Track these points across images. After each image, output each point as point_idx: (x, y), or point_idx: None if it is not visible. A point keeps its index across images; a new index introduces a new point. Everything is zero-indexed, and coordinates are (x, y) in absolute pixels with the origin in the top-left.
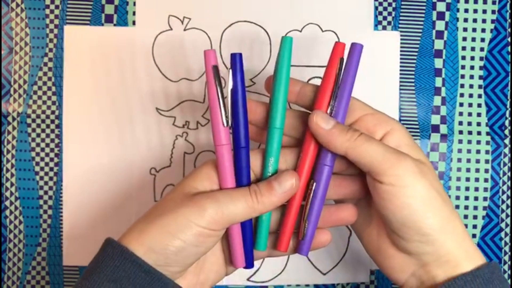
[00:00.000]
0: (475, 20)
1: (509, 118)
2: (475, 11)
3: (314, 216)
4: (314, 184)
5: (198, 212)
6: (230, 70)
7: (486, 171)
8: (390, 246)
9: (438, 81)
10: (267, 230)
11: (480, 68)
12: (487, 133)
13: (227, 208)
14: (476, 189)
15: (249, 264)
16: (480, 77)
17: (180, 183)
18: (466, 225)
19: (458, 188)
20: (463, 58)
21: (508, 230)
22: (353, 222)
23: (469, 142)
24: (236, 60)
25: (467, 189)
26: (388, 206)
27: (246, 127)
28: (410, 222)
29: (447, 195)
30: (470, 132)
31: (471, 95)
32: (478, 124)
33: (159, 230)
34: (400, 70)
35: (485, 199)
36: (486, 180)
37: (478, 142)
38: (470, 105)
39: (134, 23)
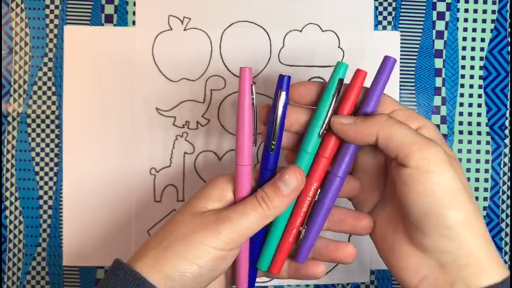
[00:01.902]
0: (475, 20)
1: (509, 118)
2: (475, 11)
3: (317, 224)
4: (319, 191)
5: (214, 235)
6: (282, 93)
7: (486, 171)
8: (406, 243)
9: (438, 81)
10: (273, 251)
11: (480, 68)
12: (487, 133)
13: (241, 225)
14: (476, 189)
15: (250, 285)
16: (480, 77)
17: (190, 203)
18: None
19: None
20: (463, 58)
21: (508, 230)
22: (350, 263)
23: (469, 142)
24: (283, 82)
25: None
26: (410, 192)
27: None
28: (431, 211)
29: (473, 196)
30: (470, 132)
31: (471, 95)
32: (478, 124)
33: (176, 256)
34: (400, 70)
35: (485, 199)
36: (486, 180)
37: (478, 142)
38: (470, 105)
39: (134, 23)
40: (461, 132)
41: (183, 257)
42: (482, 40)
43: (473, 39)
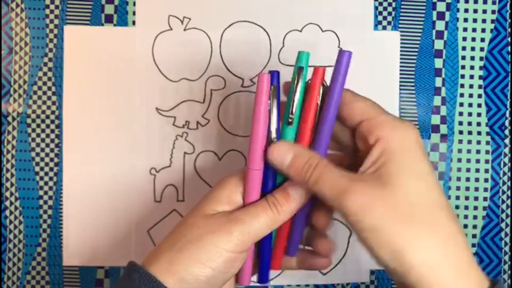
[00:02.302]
0: (475, 20)
1: (509, 118)
2: (475, 11)
3: (298, 221)
4: None
5: (226, 237)
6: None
7: (486, 171)
8: None
9: (438, 81)
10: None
11: (480, 68)
12: (487, 133)
13: (252, 227)
14: (476, 189)
15: (264, 280)
16: (480, 77)
17: (200, 206)
18: (465, 225)
19: (458, 188)
20: (463, 58)
21: (508, 230)
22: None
23: (469, 142)
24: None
25: (467, 189)
26: (350, 225)
27: None
28: (365, 246)
29: (430, 205)
30: (470, 132)
31: (471, 95)
32: (478, 124)
33: (189, 259)
34: (400, 70)
35: (485, 199)
36: (486, 180)
37: (478, 142)
38: (470, 105)
39: (134, 23)
40: (461, 132)
41: (196, 259)
42: (482, 40)
43: (473, 39)
